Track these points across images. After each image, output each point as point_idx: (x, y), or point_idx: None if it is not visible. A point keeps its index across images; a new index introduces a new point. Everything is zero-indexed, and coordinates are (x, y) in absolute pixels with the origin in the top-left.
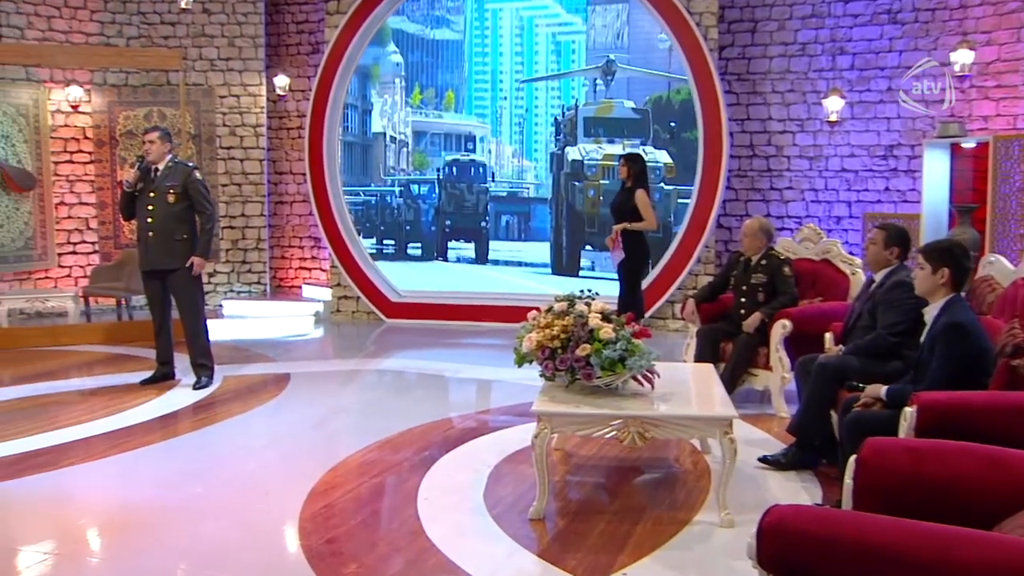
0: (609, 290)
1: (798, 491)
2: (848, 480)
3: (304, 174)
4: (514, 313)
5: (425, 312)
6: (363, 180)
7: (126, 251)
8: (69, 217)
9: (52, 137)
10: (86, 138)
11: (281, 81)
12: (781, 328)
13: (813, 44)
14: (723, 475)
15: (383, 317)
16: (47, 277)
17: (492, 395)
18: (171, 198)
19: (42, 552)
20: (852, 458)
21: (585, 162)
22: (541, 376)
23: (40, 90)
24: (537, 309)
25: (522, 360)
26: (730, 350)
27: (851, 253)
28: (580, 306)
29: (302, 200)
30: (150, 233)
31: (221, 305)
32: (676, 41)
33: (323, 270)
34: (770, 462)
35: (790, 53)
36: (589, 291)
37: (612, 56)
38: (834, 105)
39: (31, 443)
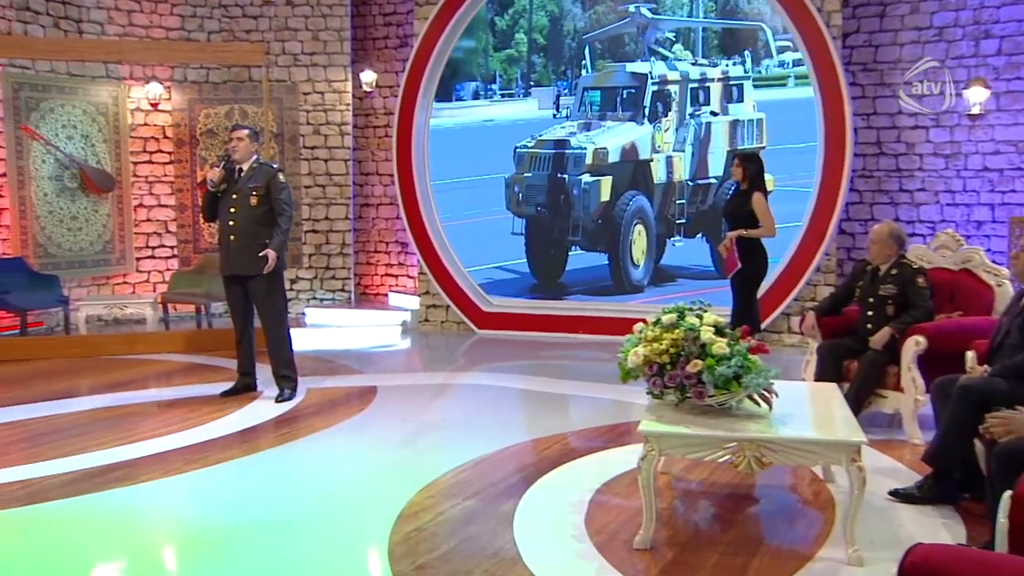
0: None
1: (937, 528)
2: (1002, 519)
3: (391, 175)
4: (615, 325)
5: (519, 323)
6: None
7: (206, 255)
8: (148, 220)
9: (131, 136)
10: (166, 137)
11: (367, 76)
12: (914, 345)
13: (952, 28)
14: (850, 507)
15: (474, 328)
16: (125, 282)
17: (593, 413)
18: (254, 200)
19: (117, 570)
20: (1007, 494)
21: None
22: (648, 394)
23: (120, 87)
24: (643, 321)
25: (627, 376)
26: (855, 368)
27: (995, 262)
28: (691, 318)
29: (389, 203)
30: (231, 237)
31: (304, 313)
32: (795, 28)
33: (410, 277)
34: (903, 495)
35: (924, 39)
36: (700, 302)
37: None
38: (977, 96)
39: (108, 456)
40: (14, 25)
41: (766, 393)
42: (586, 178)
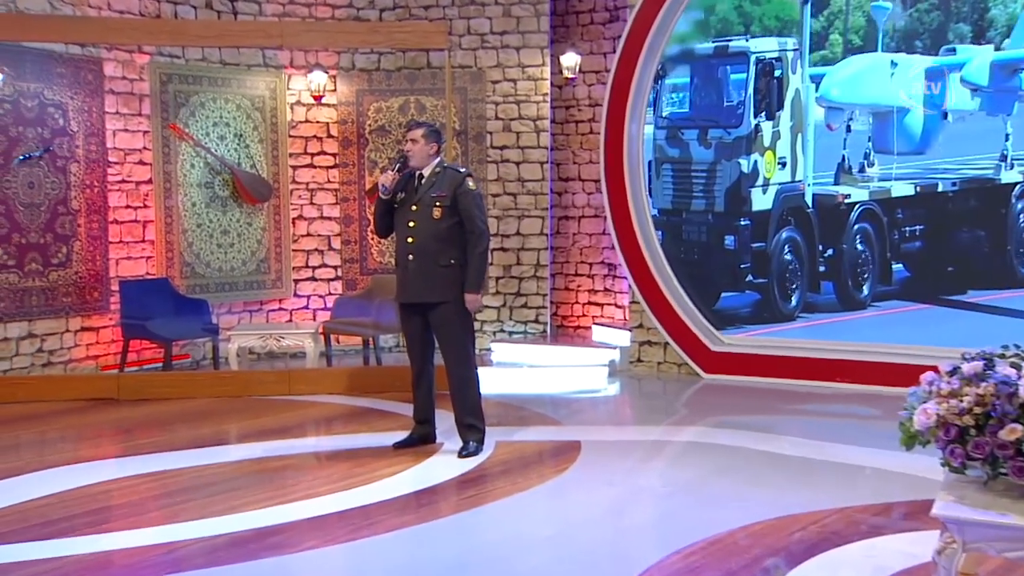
0: None
1: None
2: None
3: (597, 181)
4: (891, 372)
5: (757, 366)
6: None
7: (376, 277)
8: (308, 234)
9: (290, 136)
10: (329, 136)
11: (570, 60)
12: None
13: None
14: None
15: (700, 371)
16: (281, 308)
17: (859, 486)
18: (437, 212)
19: None
20: None
21: None
22: (943, 466)
23: (279, 78)
24: (934, 369)
25: (913, 441)
26: None
27: None
28: (1004, 368)
29: (593, 215)
30: (410, 257)
31: (490, 349)
32: None
33: (619, 307)
34: None
35: None
36: (1016, 346)
37: None
38: None
39: (259, 518)
40: (163, 7)
41: None
42: None
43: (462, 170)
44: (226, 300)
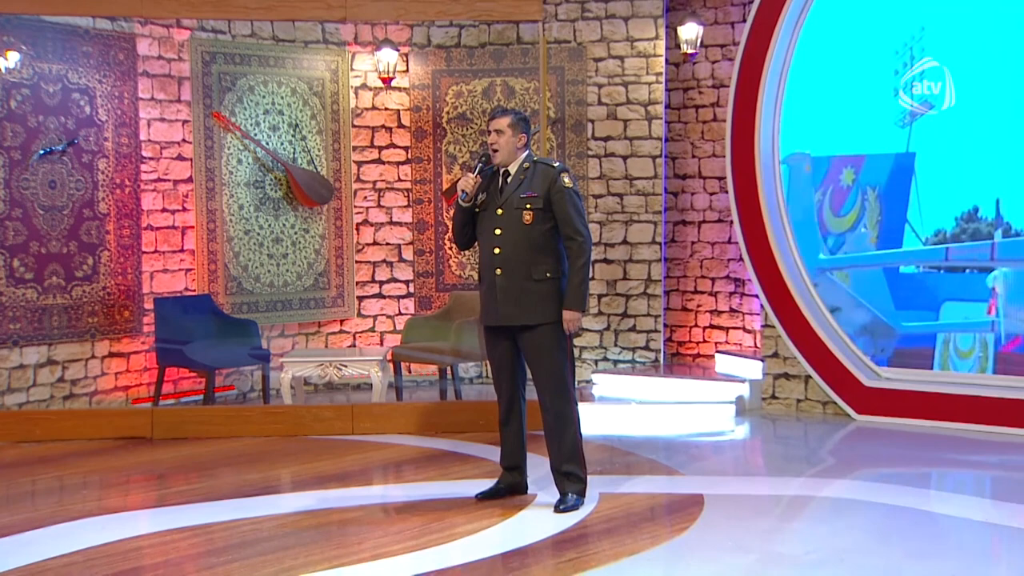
0: None
1: None
2: None
3: (722, 178)
4: None
5: (924, 406)
6: None
7: (455, 294)
8: (375, 243)
9: (354, 126)
10: (400, 126)
11: (689, 32)
12: None
13: None
14: None
15: (850, 411)
16: (343, 331)
17: None
18: (527, 217)
19: None
20: None
21: None
22: None
23: (341, 56)
24: None
25: None
26: None
27: None
28: None
29: (717, 219)
30: (496, 271)
31: (590, 381)
32: None
33: (749, 331)
34: None
35: None
36: None
37: None
38: None
39: None
40: None
41: None
42: None
43: (556, 164)
44: (278, 321)
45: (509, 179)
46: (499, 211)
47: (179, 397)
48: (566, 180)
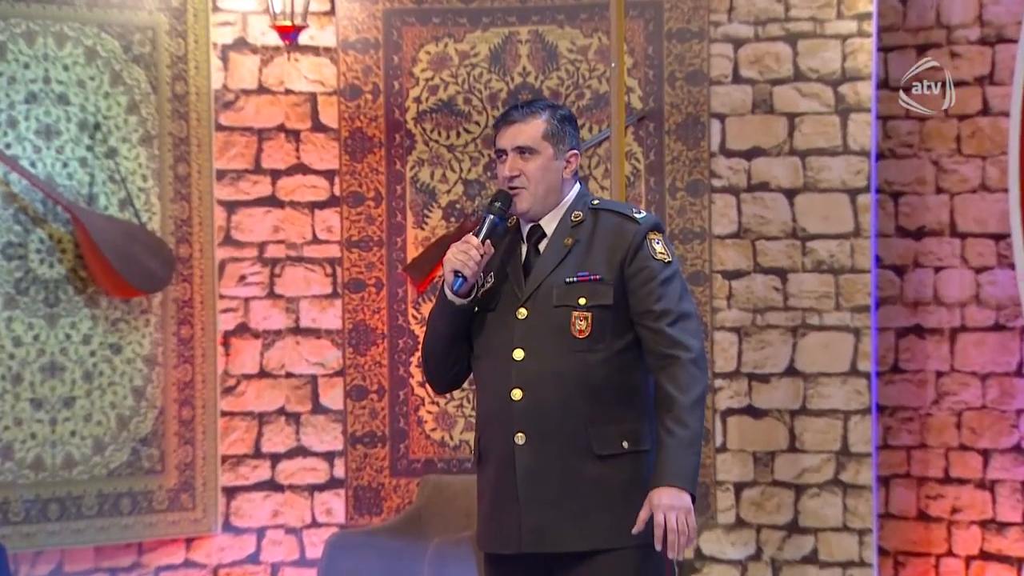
0: None
1: None
2: None
3: (998, 237)
4: None
5: None
6: None
7: (429, 482)
8: (262, 374)
9: (220, 127)
10: (317, 128)
11: None
12: None
13: None
14: None
15: None
16: (191, 564)
17: None
18: (580, 323)
19: None
20: None
21: None
22: None
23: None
24: None
25: None
26: None
27: None
28: None
29: (992, 325)
30: (517, 436)
31: None
32: None
33: None
34: None
35: None
36: None
37: None
38: None
39: None
40: None
41: None
42: None
43: (640, 216)
44: (52, 544)
45: (543, 244)
46: (521, 311)
47: None
48: (656, 246)
